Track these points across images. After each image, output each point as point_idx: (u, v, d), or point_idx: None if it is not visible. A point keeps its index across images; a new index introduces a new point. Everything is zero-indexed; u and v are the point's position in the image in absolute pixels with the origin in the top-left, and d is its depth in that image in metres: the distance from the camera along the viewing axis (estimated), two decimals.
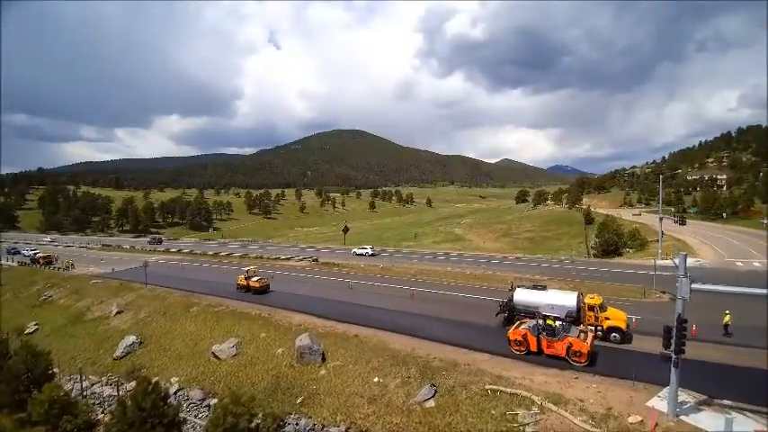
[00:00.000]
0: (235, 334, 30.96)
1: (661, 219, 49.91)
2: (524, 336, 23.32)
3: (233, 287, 44.42)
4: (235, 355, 28.44)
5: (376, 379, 22.57)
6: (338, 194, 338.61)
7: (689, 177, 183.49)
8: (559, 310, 24.69)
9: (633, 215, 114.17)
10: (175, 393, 26.03)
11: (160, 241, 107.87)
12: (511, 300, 28.21)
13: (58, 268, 64.25)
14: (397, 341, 26.52)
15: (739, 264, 47.95)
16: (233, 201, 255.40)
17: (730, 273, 43.27)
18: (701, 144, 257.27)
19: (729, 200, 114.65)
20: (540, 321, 23.27)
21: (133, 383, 28.81)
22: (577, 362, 21.69)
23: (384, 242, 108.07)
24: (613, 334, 24.72)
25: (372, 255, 68.28)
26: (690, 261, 49.95)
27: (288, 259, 63.68)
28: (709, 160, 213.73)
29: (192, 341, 31.86)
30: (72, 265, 65.25)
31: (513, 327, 24.67)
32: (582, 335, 22.64)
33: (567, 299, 26.29)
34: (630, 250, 66.45)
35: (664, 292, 36.13)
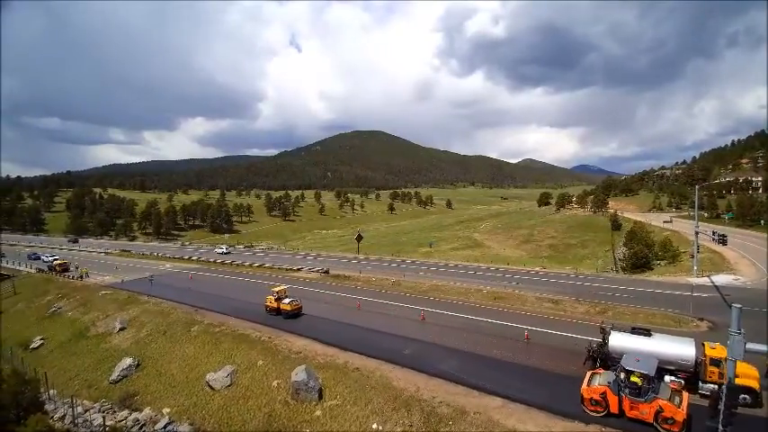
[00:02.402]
0: (232, 360, 29.25)
1: (697, 233, 45.84)
2: (603, 394, 19.01)
3: (241, 303, 43.40)
4: (229, 386, 26.66)
5: (375, 425, 20.32)
6: (357, 196, 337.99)
7: (722, 179, 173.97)
8: (650, 362, 19.34)
9: (664, 222, 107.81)
10: (165, 427, 24.44)
11: (76, 241, 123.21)
12: (604, 345, 23.39)
13: (73, 276, 64.49)
14: (402, 377, 24.21)
15: None
16: (253, 203, 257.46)
17: None
18: (733, 143, 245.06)
19: (767, 204, 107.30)
20: (622, 376, 18.93)
21: (125, 413, 27.73)
22: (669, 430, 17.57)
23: (400, 248, 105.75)
24: (744, 396, 19.40)
25: (227, 252, 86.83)
26: (728, 279, 46.48)
27: (298, 270, 62.03)
28: (743, 161, 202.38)
29: (189, 366, 30.31)
30: (86, 273, 65.40)
31: (586, 381, 20.19)
32: (676, 397, 18.33)
33: (683, 349, 21.27)
34: (662, 263, 62.23)
35: (701, 320, 32.59)
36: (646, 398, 18.14)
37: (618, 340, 22.73)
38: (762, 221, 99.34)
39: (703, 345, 21.71)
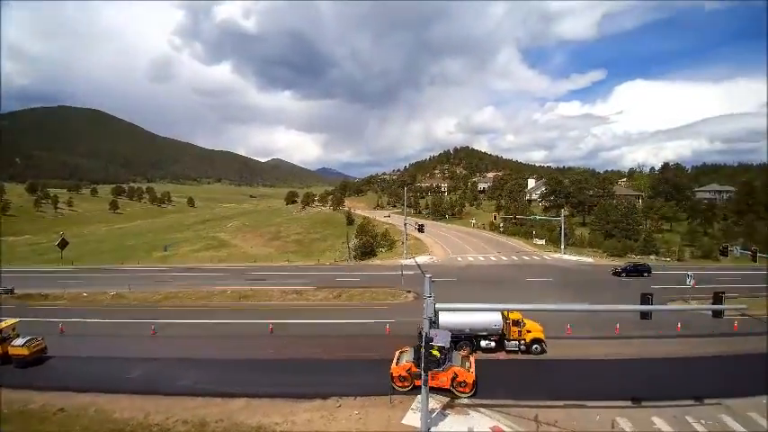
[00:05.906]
0: None
1: (406, 224, 57.48)
2: (409, 370, 20.70)
3: None
4: None
5: None
6: (64, 191, 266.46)
7: (422, 184, 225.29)
8: (444, 335, 21.96)
9: (384, 217, 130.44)
10: None
11: None
12: (433, 323, 24.63)
13: None
14: (127, 406, 20.25)
15: (459, 259, 59.85)
16: None
17: (455, 268, 53.23)
18: (430, 158, 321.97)
19: (450, 204, 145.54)
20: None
21: None
22: (462, 392, 20.30)
23: (127, 254, 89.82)
24: (535, 346, 25.21)
25: None
26: (426, 259, 59.97)
27: None
28: (436, 171, 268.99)
29: None
30: None
31: (395, 361, 21.73)
32: (466, 362, 21.25)
33: (493, 317, 25.41)
34: (383, 250, 74.90)
35: (409, 292, 40.92)
36: (443, 367, 20.59)
37: (445, 317, 25.15)
38: (446, 216, 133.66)
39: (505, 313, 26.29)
